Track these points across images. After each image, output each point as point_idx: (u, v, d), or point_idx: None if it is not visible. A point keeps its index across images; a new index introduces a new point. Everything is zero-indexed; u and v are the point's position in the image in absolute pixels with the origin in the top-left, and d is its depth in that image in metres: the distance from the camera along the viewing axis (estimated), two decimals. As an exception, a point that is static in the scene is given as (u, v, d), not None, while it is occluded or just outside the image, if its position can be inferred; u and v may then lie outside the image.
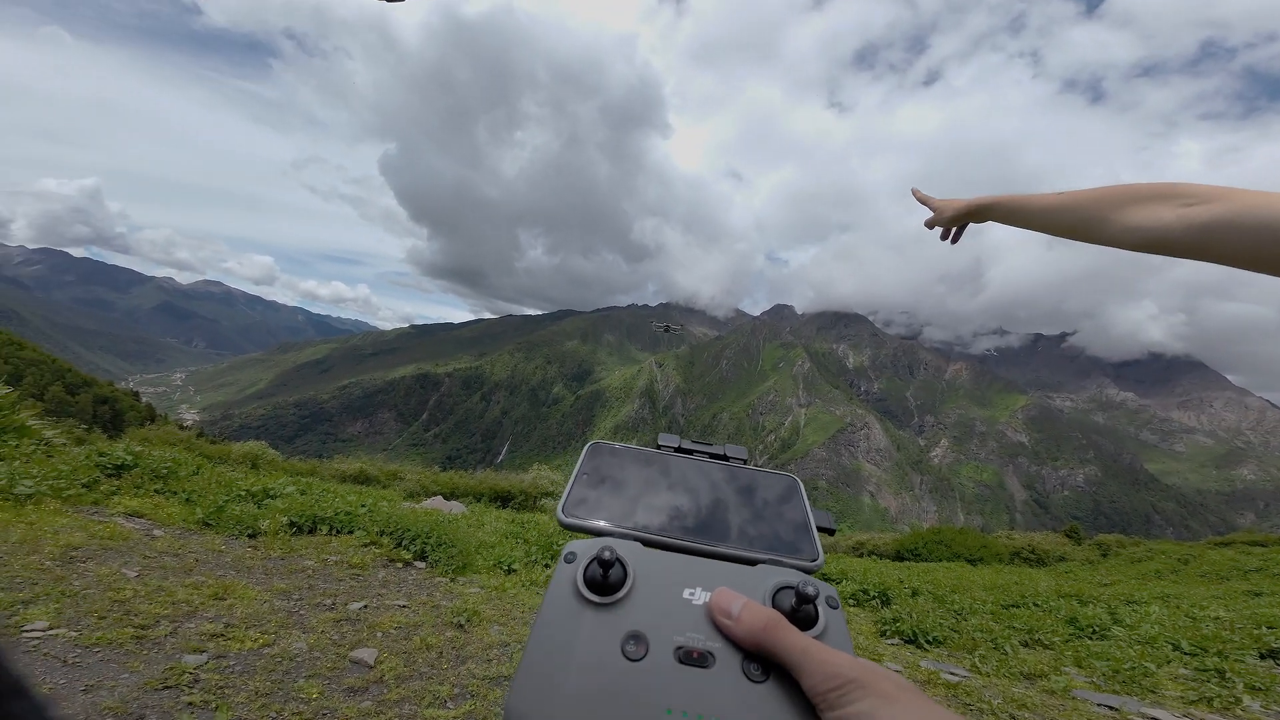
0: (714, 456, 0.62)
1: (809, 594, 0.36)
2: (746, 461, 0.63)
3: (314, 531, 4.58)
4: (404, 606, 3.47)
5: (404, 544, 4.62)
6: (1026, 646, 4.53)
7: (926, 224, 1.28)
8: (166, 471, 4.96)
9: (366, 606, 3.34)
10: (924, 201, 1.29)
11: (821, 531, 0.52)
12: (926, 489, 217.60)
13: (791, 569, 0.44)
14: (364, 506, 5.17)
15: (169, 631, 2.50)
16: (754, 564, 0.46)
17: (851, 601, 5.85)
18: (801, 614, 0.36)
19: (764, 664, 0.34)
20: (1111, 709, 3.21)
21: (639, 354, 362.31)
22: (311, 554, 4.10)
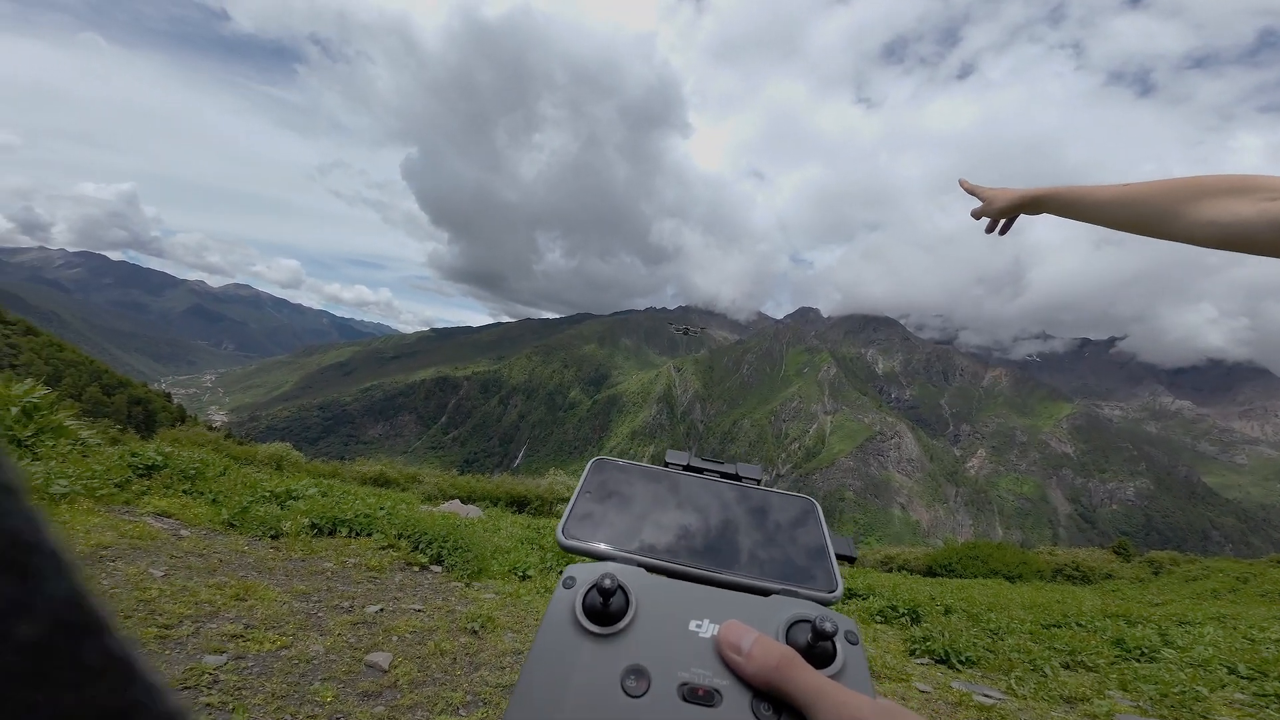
0: (725, 476, 0.58)
1: (827, 630, 0.33)
2: (760, 481, 0.58)
3: (334, 533, 4.65)
4: (419, 611, 3.50)
5: (421, 547, 4.66)
6: (1068, 668, 4.31)
7: (974, 214, 1.24)
8: (195, 472, 5.08)
9: (383, 610, 3.37)
10: (972, 191, 1.25)
11: (841, 560, 0.48)
12: (962, 501, 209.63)
13: (807, 600, 0.41)
14: (382, 509, 5.24)
15: (191, 632, 2.55)
16: (767, 594, 0.42)
17: (879, 619, 5.64)
18: (818, 650, 0.33)
19: (775, 704, 0.30)
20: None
21: (657, 358, 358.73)
22: (331, 556, 4.16)
